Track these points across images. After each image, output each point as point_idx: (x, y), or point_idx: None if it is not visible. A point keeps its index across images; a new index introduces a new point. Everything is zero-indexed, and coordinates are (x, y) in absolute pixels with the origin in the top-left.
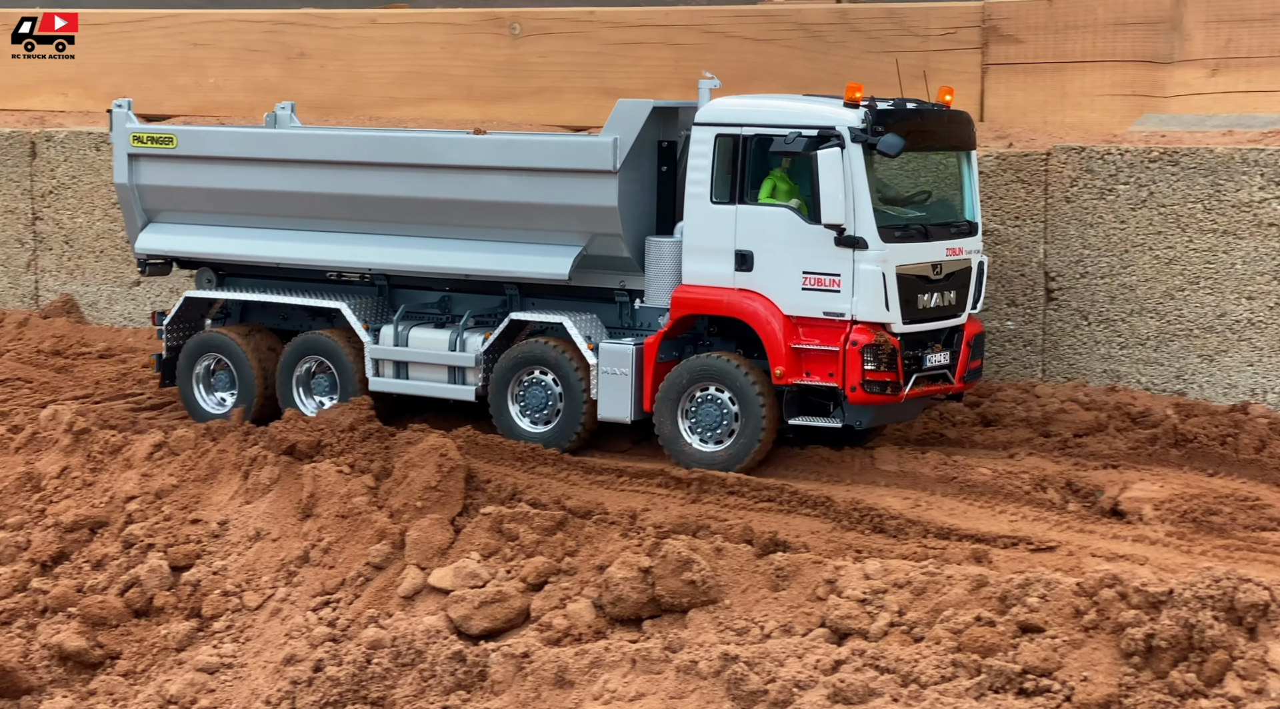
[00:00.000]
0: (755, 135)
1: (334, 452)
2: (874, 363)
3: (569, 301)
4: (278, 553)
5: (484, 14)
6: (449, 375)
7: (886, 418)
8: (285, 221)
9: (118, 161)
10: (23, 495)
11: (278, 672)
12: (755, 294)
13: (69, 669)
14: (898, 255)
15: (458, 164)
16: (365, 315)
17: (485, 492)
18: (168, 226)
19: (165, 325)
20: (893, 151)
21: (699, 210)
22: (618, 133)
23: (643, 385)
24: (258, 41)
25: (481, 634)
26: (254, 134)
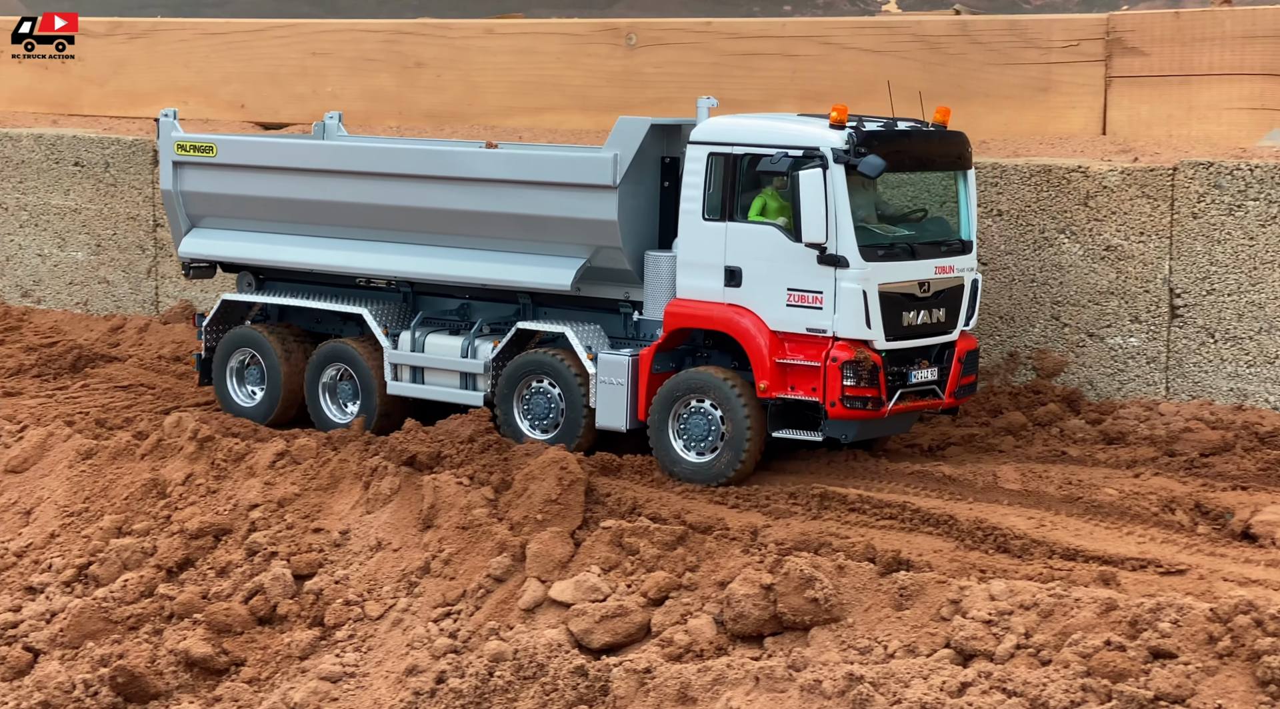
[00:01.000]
0: (745, 154)
1: (453, 463)
2: (854, 379)
3: (577, 312)
4: (399, 563)
5: (600, 24)
6: (461, 381)
7: (876, 431)
8: (315, 229)
9: (163, 169)
10: (149, 501)
11: (400, 682)
12: (744, 309)
13: (195, 675)
14: (880, 274)
15: (469, 176)
16: (387, 321)
17: (605, 505)
18: (209, 232)
19: (205, 326)
20: (873, 172)
21: (692, 226)
22: (618, 149)
23: (638, 395)
24: (375, 51)
25: (602, 648)
26: (284, 144)
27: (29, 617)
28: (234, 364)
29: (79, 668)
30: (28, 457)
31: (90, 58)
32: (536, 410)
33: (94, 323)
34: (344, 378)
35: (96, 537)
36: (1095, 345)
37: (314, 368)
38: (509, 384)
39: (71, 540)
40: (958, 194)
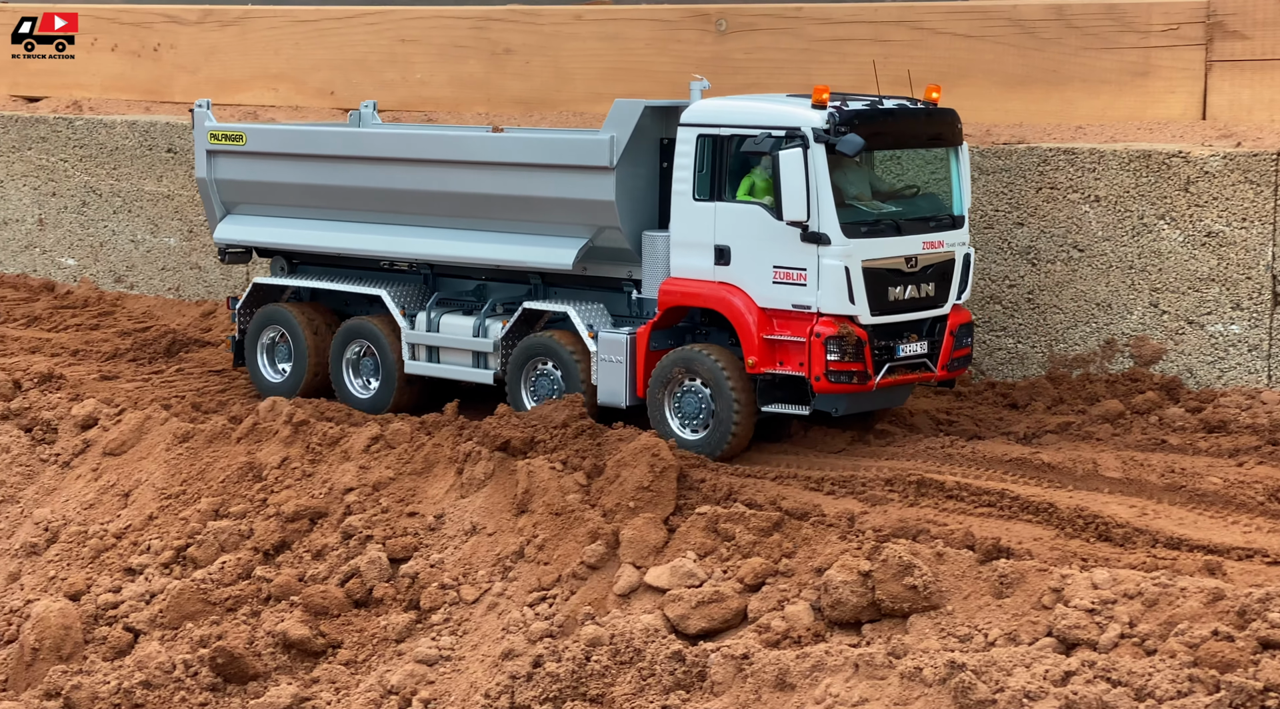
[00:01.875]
0: (732, 135)
1: (546, 448)
2: (838, 354)
3: (583, 291)
4: (493, 548)
5: (690, 10)
6: (473, 360)
7: (867, 404)
8: (339, 213)
9: (198, 157)
10: (245, 485)
11: (496, 666)
12: (733, 287)
13: (293, 657)
14: (864, 250)
15: (475, 160)
16: (405, 302)
17: (699, 491)
18: (242, 218)
19: (238, 309)
20: (851, 151)
21: (683, 207)
22: (615, 131)
23: (636, 372)
24: (464, 37)
25: (698, 634)
26: (306, 132)
27: (129, 597)
28: (265, 341)
29: (179, 648)
30: (125, 440)
31: (182, 45)
32: (539, 391)
33: (186, 308)
34: (366, 354)
35: (194, 519)
36: (1195, 333)
37: (338, 344)
38: (517, 364)
39: (169, 522)
40: (949, 169)
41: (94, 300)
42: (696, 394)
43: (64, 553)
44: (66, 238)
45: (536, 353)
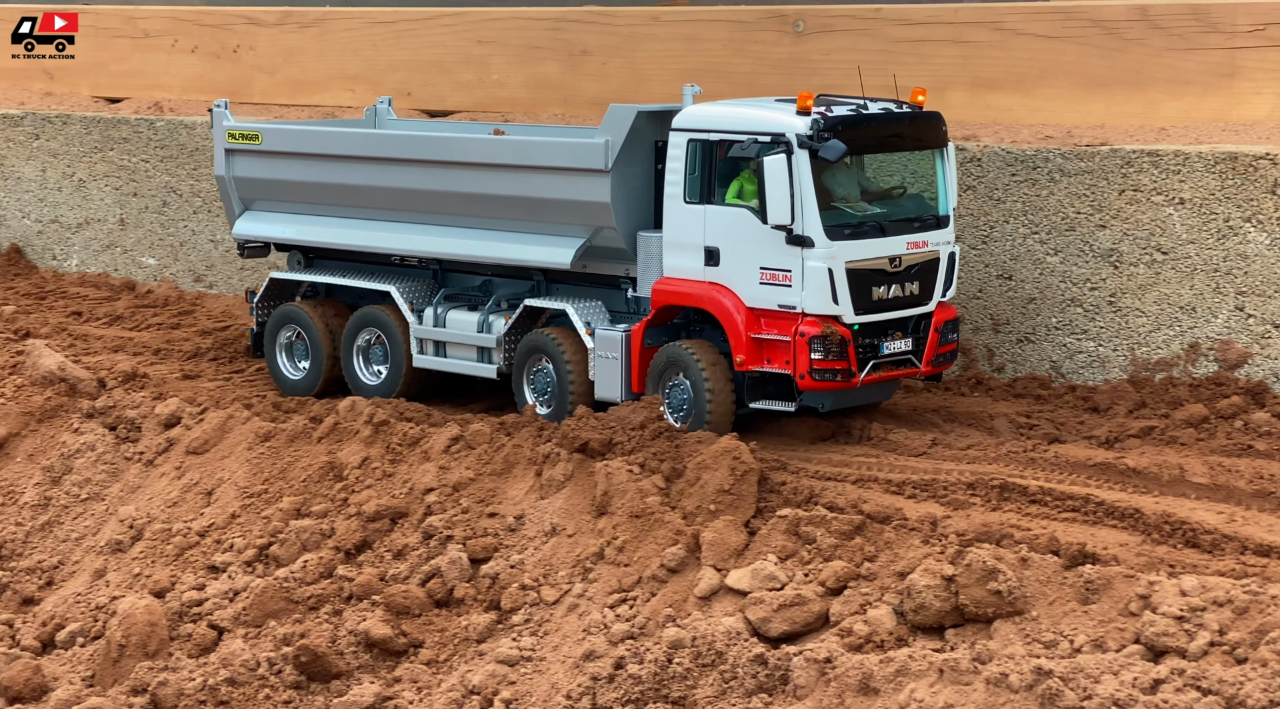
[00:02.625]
0: (720, 140)
1: (624, 450)
2: (822, 352)
3: (583, 288)
4: (573, 549)
5: (768, 11)
6: (478, 355)
7: (853, 400)
8: (351, 210)
9: (217, 156)
10: (326, 484)
11: (577, 667)
12: (722, 287)
13: (375, 656)
14: (847, 252)
15: (477, 162)
16: (414, 298)
17: (780, 494)
18: (260, 214)
19: (256, 303)
20: (833, 157)
21: (675, 209)
22: (609, 135)
23: (631, 369)
24: (540, 39)
25: (780, 637)
26: (318, 132)
27: (213, 595)
28: (283, 340)
29: (262, 646)
30: (208, 438)
31: (261, 47)
32: (540, 387)
33: None
34: (376, 342)
35: (276, 518)
36: None
37: (350, 331)
38: (520, 361)
39: (252, 521)
40: (935, 171)
41: (174, 299)
42: (681, 388)
43: (149, 550)
44: (147, 237)
45: (537, 351)
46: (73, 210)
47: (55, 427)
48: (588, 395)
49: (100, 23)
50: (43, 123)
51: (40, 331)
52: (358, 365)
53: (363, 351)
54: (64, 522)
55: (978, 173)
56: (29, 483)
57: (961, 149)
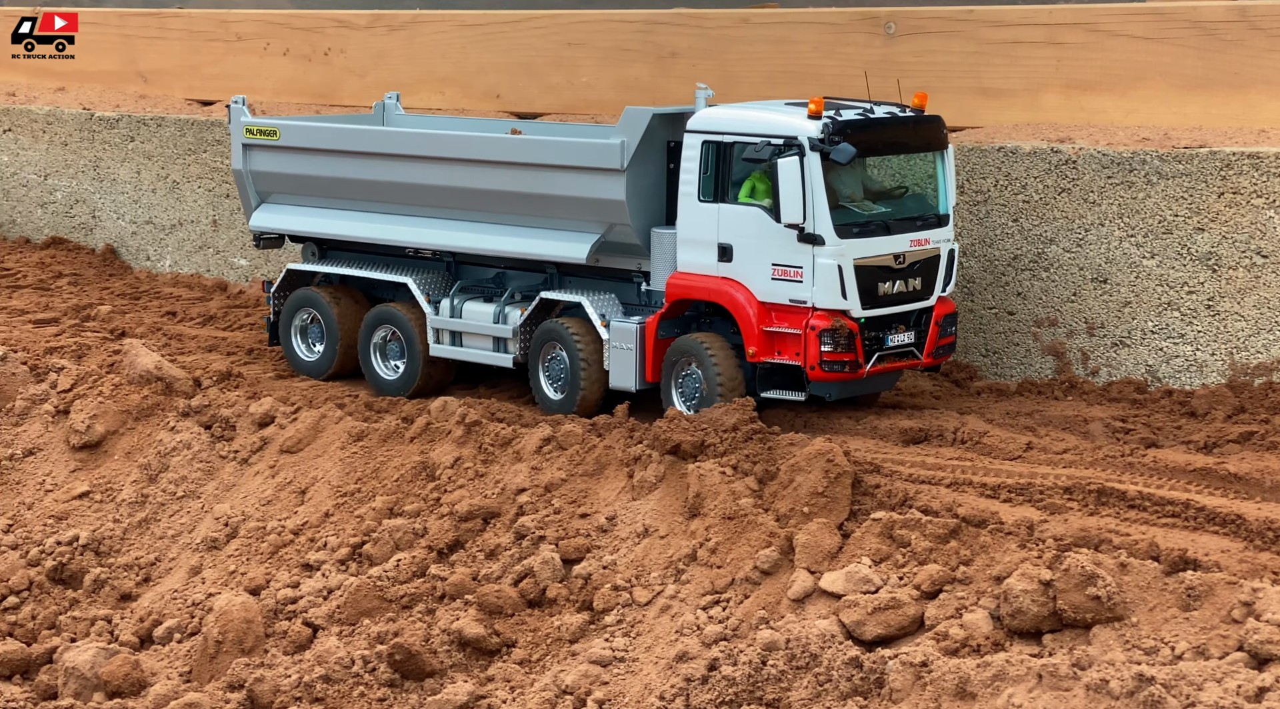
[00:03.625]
0: (734, 142)
1: (717, 452)
2: (832, 345)
3: (596, 280)
4: (665, 550)
5: (858, 13)
6: (494, 345)
7: (858, 390)
8: (367, 204)
9: (234, 151)
10: (418, 483)
11: (670, 668)
12: (735, 282)
13: (468, 655)
14: (856, 249)
15: (498, 159)
16: (429, 289)
17: (874, 497)
18: (276, 207)
19: (273, 293)
20: (844, 159)
21: (689, 207)
22: (625, 135)
23: (645, 359)
24: (630, 41)
25: (874, 640)
26: (337, 129)
27: (307, 593)
28: (298, 323)
29: (356, 644)
30: (301, 438)
31: (352, 50)
32: (554, 373)
33: None
34: (392, 338)
35: (369, 517)
36: None
37: (366, 329)
38: (535, 349)
39: (345, 520)
40: (936, 172)
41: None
42: (694, 378)
43: (243, 548)
44: (239, 239)
45: (552, 338)
46: (166, 212)
47: (152, 425)
48: (602, 382)
49: (193, 26)
50: (138, 125)
51: (136, 331)
52: (375, 362)
53: (379, 348)
54: (161, 519)
55: (1073, 176)
56: (126, 480)
57: (1056, 151)
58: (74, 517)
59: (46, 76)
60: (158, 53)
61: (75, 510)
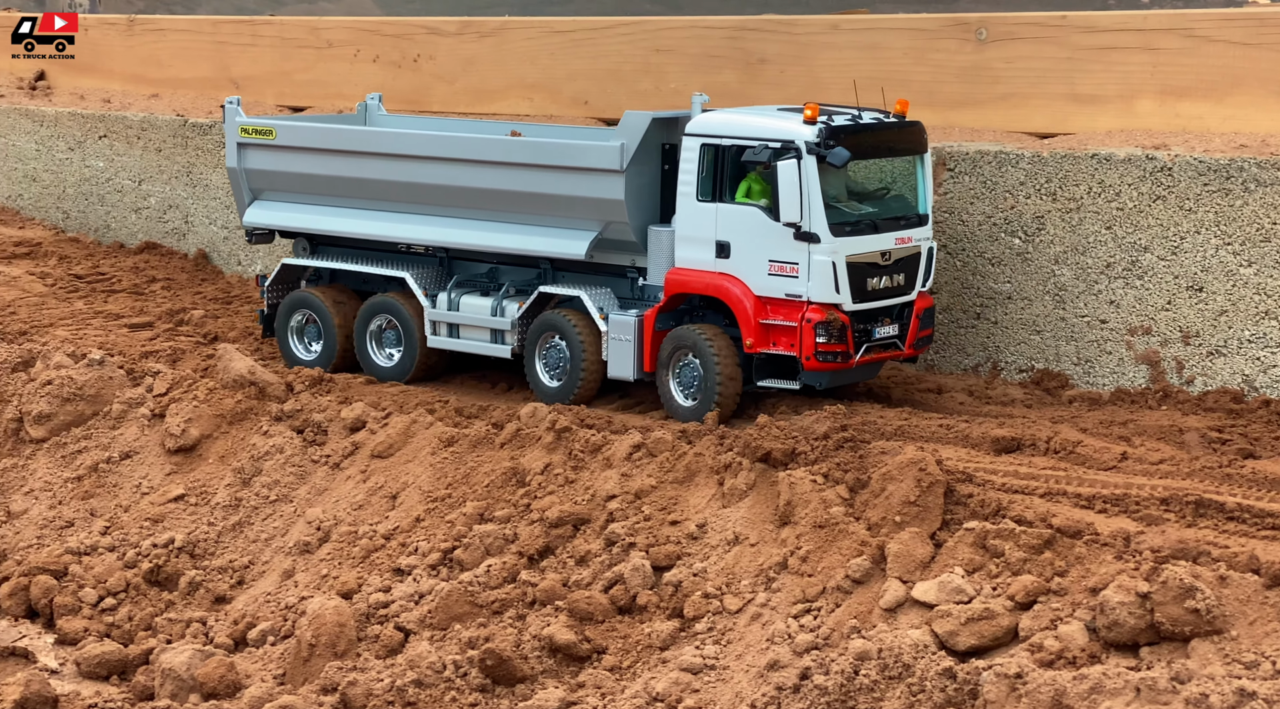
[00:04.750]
0: (732, 145)
1: (807, 460)
2: (825, 336)
3: (590, 276)
4: (756, 558)
5: (949, 19)
6: (491, 336)
7: (845, 379)
8: (361, 202)
9: (229, 149)
10: (508, 489)
11: (761, 676)
12: (732, 277)
13: (558, 661)
14: (848, 247)
15: (497, 160)
16: (426, 283)
17: (966, 506)
18: (269, 204)
19: (266, 287)
20: (840, 162)
21: (688, 206)
22: (625, 138)
23: (643, 350)
24: (718, 47)
25: (967, 650)
26: (332, 129)
27: (399, 597)
28: (294, 324)
29: (448, 649)
30: (393, 443)
31: (441, 56)
32: (549, 362)
33: None
34: (388, 327)
35: (460, 522)
36: None
37: (362, 318)
38: (532, 340)
39: (436, 525)
40: (915, 174)
41: None
42: (692, 367)
43: (336, 552)
44: None
45: (550, 329)
46: None
47: (245, 429)
48: (599, 371)
49: (285, 33)
50: None
51: (228, 336)
52: (371, 350)
53: (375, 337)
54: (254, 522)
55: (1168, 183)
56: (220, 484)
57: (1151, 158)
58: (169, 519)
59: (142, 84)
60: (250, 59)
61: (171, 513)
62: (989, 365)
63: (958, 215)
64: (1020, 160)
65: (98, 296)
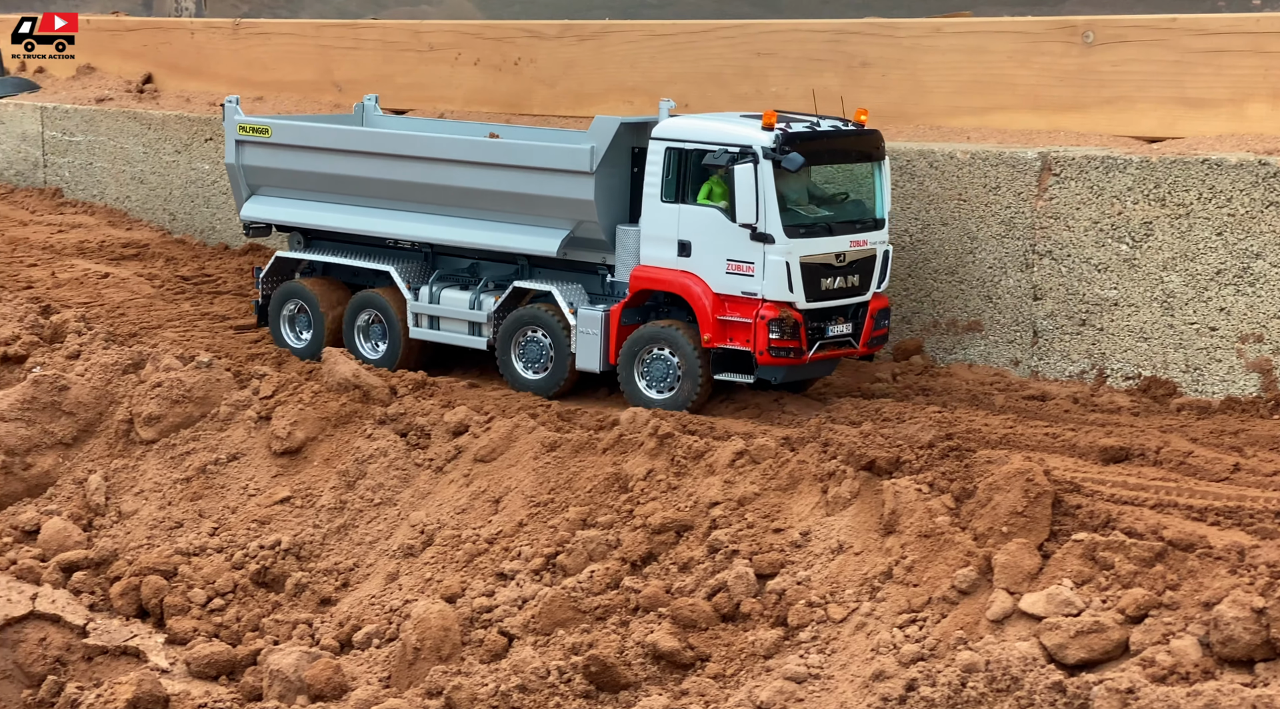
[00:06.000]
0: (694, 149)
1: (912, 468)
2: (778, 333)
3: (564, 272)
4: (860, 567)
5: (1055, 22)
6: (469, 329)
7: (802, 374)
8: (351, 198)
9: (228, 146)
10: (611, 495)
11: (866, 687)
12: (693, 275)
13: (662, 668)
14: (802, 248)
15: (476, 160)
16: (410, 277)
17: (1075, 517)
18: (265, 199)
19: (261, 278)
20: (794, 167)
21: (652, 207)
22: (595, 142)
23: (609, 344)
24: (819, 51)
25: (1076, 664)
26: (324, 129)
27: (502, 602)
28: (286, 313)
29: (551, 654)
30: (495, 447)
31: (541, 59)
32: (529, 355)
33: None
34: (375, 321)
35: (562, 527)
36: None
37: (350, 312)
38: (508, 333)
39: (539, 530)
40: (873, 180)
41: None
42: (665, 361)
43: (439, 556)
44: None
45: (526, 323)
46: None
47: (350, 432)
48: (572, 362)
49: (387, 36)
50: None
51: None
52: (359, 342)
53: (362, 330)
54: (358, 525)
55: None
56: (325, 486)
57: (1264, 163)
58: (276, 521)
59: (247, 87)
60: (352, 63)
61: (277, 515)
62: (1094, 372)
63: (1063, 221)
64: (1128, 165)
65: (204, 298)
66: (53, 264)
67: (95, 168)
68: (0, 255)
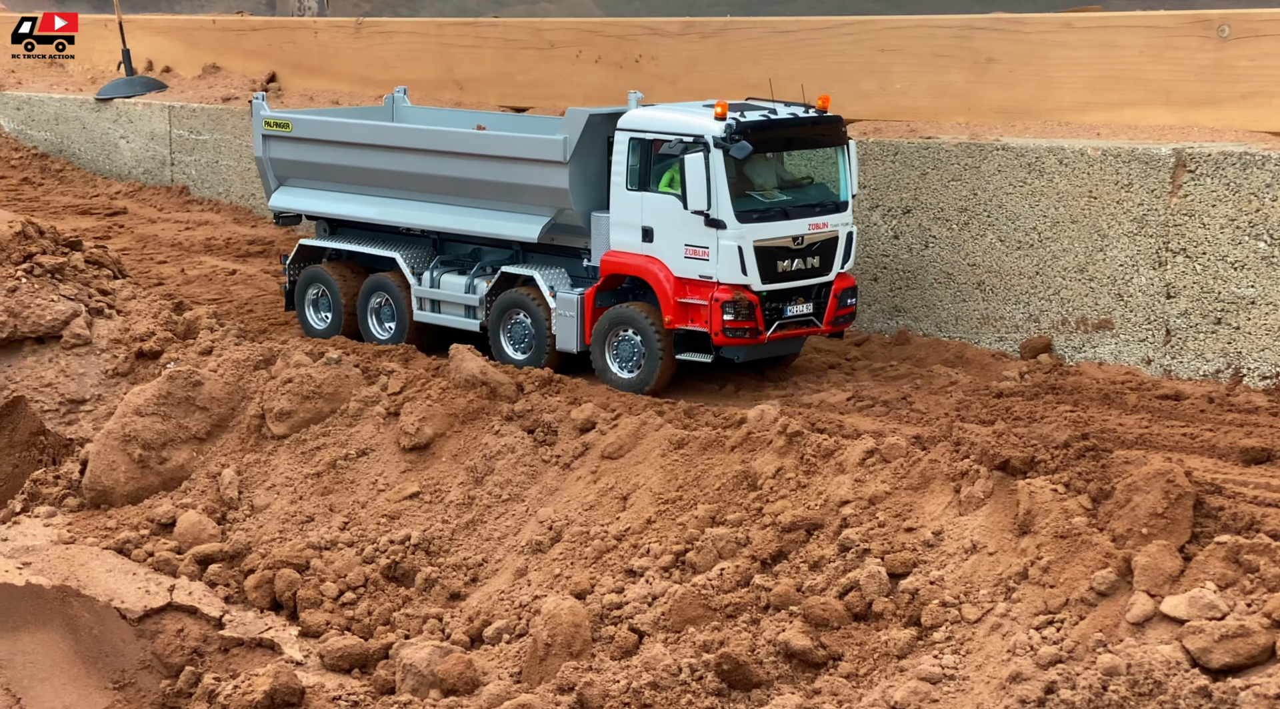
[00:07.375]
0: (654, 139)
1: (1047, 468)
2: (733, 314)
3: (551, 257)
4: (994, 567)
5: (1189, 16)
6: (465, 312)
7: (764, 353)
8: (364, 188)
9: (255, 140)
10: (740, 493)
11: (1003, 688)
12: (655, 259)
13: (794, 667)
14: (755, 232)
15: (462, 151)
16: (415, 263)
17: (1217, 520)
18: (292, 190)
19: (288, 264)
20: (741, 156)
21: (619, 195)
22: (568, 133)
23: (584, 325)
24: (945, 47)
25: (1221, 669)
26: (337, 123)
27: (632, 599)
28: (310, 296)
29: (682, 651)
30: (622, 444)
31: (663, 56)
32: (515, 336)
33: None
34: (385, 304)
35: (691, 525)
36: None
37: (363, 296)
38: (497, 315)
39: (667, 527)
40: (837, 165)
41: None
42: (630, 342)
43: (567, 552)
44: None
45: (512, 306)
46: None
47: (477, 428)
48: (553, 343)
49: (508, 35)
50: None
51: None
52: (372, 324)
53: (375, 312)
54: (487, 521)
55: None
56: (454, 482)
57: None
58: (405, 516)
59: (369, 85)
60: (473, 61)
61: (406, 510)
62: (1230, 372)
63: (1198, 218)
64: (1266, 161)
65: None
66: (181, 261)
67: (221, 166)
68: (131, 252)
